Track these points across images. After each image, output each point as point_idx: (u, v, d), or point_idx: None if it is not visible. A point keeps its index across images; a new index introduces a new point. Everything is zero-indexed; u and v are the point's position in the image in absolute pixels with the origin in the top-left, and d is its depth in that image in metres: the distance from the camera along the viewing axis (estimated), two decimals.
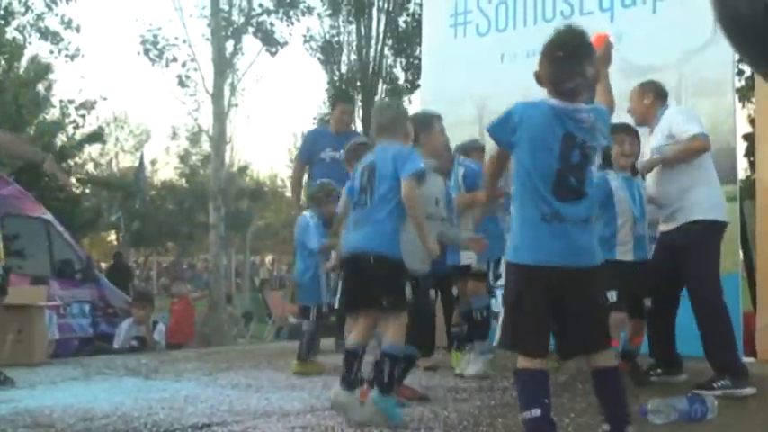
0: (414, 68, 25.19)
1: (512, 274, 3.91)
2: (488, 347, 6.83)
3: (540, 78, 3.92)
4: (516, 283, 3.84)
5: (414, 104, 26.12)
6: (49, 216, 13.06)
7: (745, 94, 14.00)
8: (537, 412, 3.70)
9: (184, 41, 23.35)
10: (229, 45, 22.62)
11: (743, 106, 14.92)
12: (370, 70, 26.33)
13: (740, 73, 12.46)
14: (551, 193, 3.75)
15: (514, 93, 8.50)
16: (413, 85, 25.82)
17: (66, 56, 23.63)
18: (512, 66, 8.77)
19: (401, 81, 26.81)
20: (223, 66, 22.15)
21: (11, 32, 23.04)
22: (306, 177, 9.19)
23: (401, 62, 26.78)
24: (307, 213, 7.39)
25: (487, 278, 6.84)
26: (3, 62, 23.41)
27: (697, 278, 5.97)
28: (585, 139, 3.81)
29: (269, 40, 23.74)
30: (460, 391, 6.08)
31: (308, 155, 8.95)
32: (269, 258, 45.75)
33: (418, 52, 21.41)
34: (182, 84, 23.49)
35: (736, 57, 7.39)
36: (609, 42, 4.58)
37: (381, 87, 26.61)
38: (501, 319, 4.96)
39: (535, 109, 3.85)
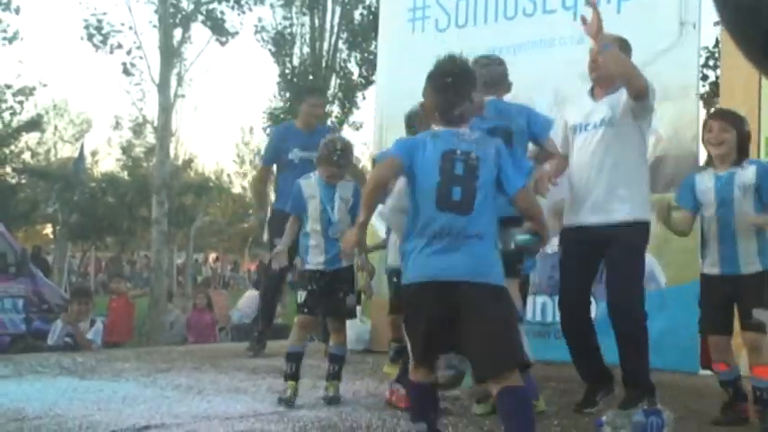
0: (369, 63, 25.10)
1: (403, 291, 3.93)
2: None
3: (427, 108, 4.03)
4: (404, 300, 3.95)
5: (368, 101, 26.07)
6: None
7: (710, 99, 14.02)
8: (422, 427, 3.83)
9: (130, 28, 22.87)
10: (177, 33, 22.26)
11: (707, 112, 15.04)
12: (324, 64, 26.17)
13: (704, 78, 12.46)
14: (435, 205, 3.75)
15: None
16: (367, 81, 25.74)
17: (4, 38, 23.21)
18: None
19: (355, 76, 26.72)
20: (170, 54, 21.79)
21: None
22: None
23: (356, 56, 26.68)
24: None
25: None
26: None
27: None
28: (470, 149, 3.82)
29: (219, 29, 23.42)
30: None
31: (275, 155, 8.40)
32: (213, 256, 45.33)
33: (374, 47, 21.33)
34: (126, 72, 23.07)
35: (701, 61, 7.30)
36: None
37: (335, 82, 26.46)
38: None
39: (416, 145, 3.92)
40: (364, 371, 7.27)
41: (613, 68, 5.34)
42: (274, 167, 8.46)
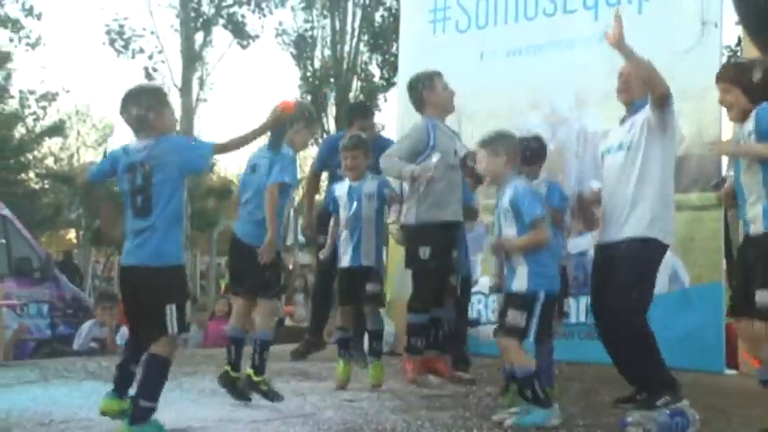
0: (390, 65, 25.04)
1: None
2: None
3: None
4: None
5: (390, 103, 26.05)
6: (6, 211, 12.67)
7: None
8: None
9: (152, 32, 23.07)
10: (199, 37, 22.39)
11: None
12: (345, 66, 26.14)
13: None
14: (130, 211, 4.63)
15: (494, 92, 8.47)
16: (389, 83, 25.66)
17: (27, 44, 23.36)
18: (492, 64, 8.61)
19: (376, 78, 26.68)
20: (192, 58, 21.92)
21: None
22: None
23: (377, 59, 26.64)
24: None
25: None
26: None
27: None
28: (144, 160, 4.60)
29: (240, 33, 23.51)
30: (434, 399, 5.95)
31: (323, 165, 8.31)
32: None
33: (395, 48, 21.31)
34: (148, 76, 23.20)
35: (723, 60, 7.26)
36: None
37: (356, 84, 26.44)
38: None
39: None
40: (388, 373, 7.24)
41: (636, 71, 5.36)
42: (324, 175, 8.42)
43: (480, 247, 7.93)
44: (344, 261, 6.44)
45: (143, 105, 4.71)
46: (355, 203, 6.34)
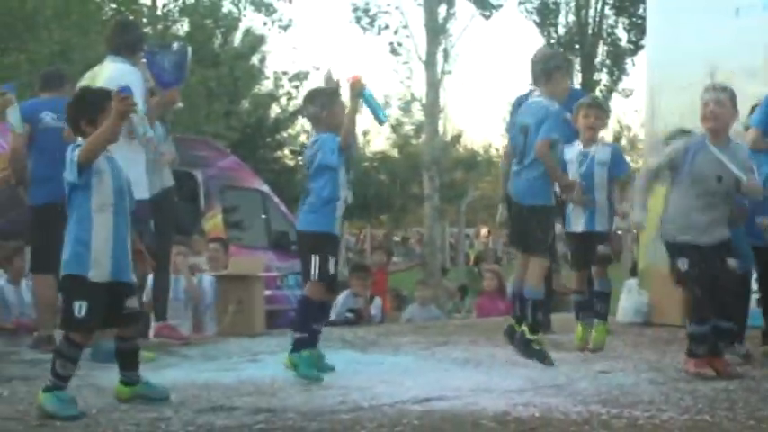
0: (637, 28, 24.22)
1: None
2: None
3: None
4: None
5: (638, 67, 25.24)
6: (265, 188, 13.27)
7: None
8: None
9: (396, 8, 23.29)
10: (442, 10, 22.38)
11: None
12: (590, 31, 25.55)
13: None
14: None
15: (751, 50, 7.99)
16: (636, 46, 24.87)
17: (280, 27, 24.15)
18: (748, 20, 8.10)
19: (623, 42, 25.90)
20: (436, 32, 21.96)
21: (226, 6, 23.69)
22: None
23: (623, 22, 25.84)
24: None
25: None
26: (219, 36, 24.10)
27: None
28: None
29: (483, 3, 23.40)
30: None
31: None
32: (484, 231, 45.47)
33: (642, 10, 20.61)
34: (394, 51, 23.57)
35: None
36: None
37: (602, 49, 25.80)
38: None
39: None
40: (643, 344, 7.08)
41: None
42: None
43: None
44: (578, 226, 6.39)
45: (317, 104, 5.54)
46: (584, 168, 6.32)
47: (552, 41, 25.75)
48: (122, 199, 4.52)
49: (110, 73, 6.14)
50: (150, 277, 6.93)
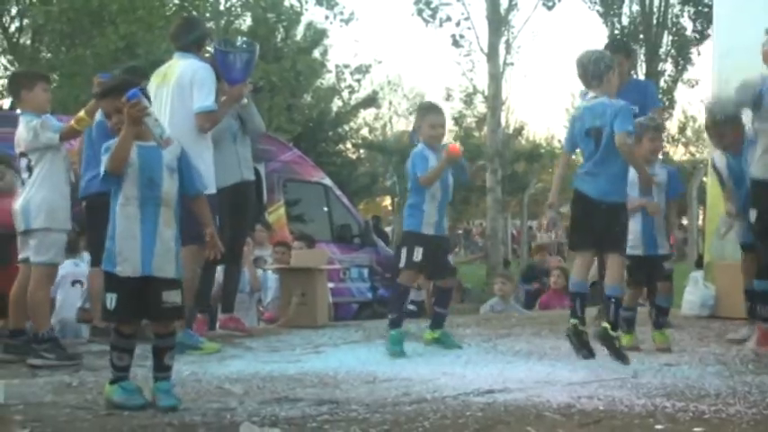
0: (703, 17, 23.89)
1: None
2: None
3: None
4: None
5: (703, 56, 24.89)
6: (327, 181, 13.36)
7: None
8: None
9: (458, 0, 23.26)
10: (504, 1, 22.30)
11: None
12: (655, 21, 25.25)
13: None
14: None
15: None
16: (702, 36, 24.52)
17: (341, 20, 24.17)
18: None
19: (689, 31, 25.54)
20: (498, 23, 21.88)
21: (288, 0, 23.86)
22: None
23: (689, 11, 25.49)
24: None
25: None
26: (281, 29, 24.26)
27: None
28: None
29: None
30: (762, 364, 5.69)
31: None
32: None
33: None
34: (456, 43, 23.56)
35: None
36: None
37: (666, 39, 25.46)
38: None
39: None
40: (709, 337, 7.00)
41: None
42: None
43: None
44: (637, 249, 6.35)
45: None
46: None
47: (616, 32, 25.52)
48: (152, 189, 4.40)
49: (182, 69, 6.23)
50: (220, 269, 7.01)
